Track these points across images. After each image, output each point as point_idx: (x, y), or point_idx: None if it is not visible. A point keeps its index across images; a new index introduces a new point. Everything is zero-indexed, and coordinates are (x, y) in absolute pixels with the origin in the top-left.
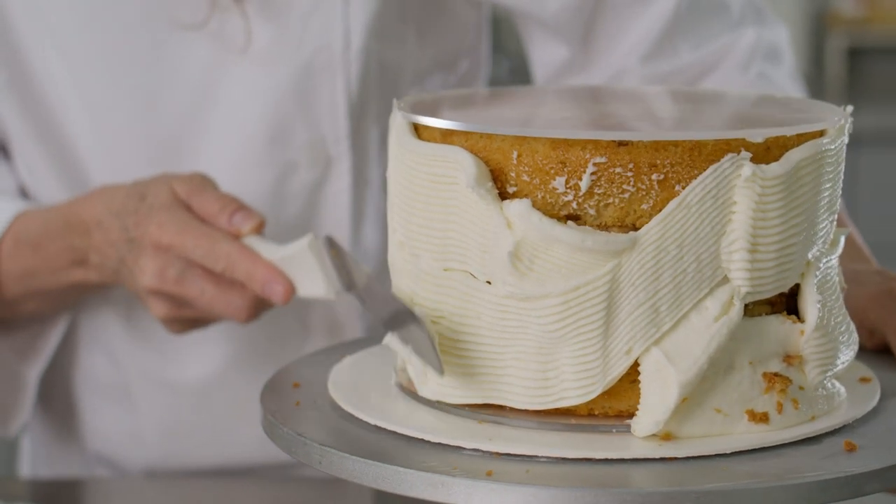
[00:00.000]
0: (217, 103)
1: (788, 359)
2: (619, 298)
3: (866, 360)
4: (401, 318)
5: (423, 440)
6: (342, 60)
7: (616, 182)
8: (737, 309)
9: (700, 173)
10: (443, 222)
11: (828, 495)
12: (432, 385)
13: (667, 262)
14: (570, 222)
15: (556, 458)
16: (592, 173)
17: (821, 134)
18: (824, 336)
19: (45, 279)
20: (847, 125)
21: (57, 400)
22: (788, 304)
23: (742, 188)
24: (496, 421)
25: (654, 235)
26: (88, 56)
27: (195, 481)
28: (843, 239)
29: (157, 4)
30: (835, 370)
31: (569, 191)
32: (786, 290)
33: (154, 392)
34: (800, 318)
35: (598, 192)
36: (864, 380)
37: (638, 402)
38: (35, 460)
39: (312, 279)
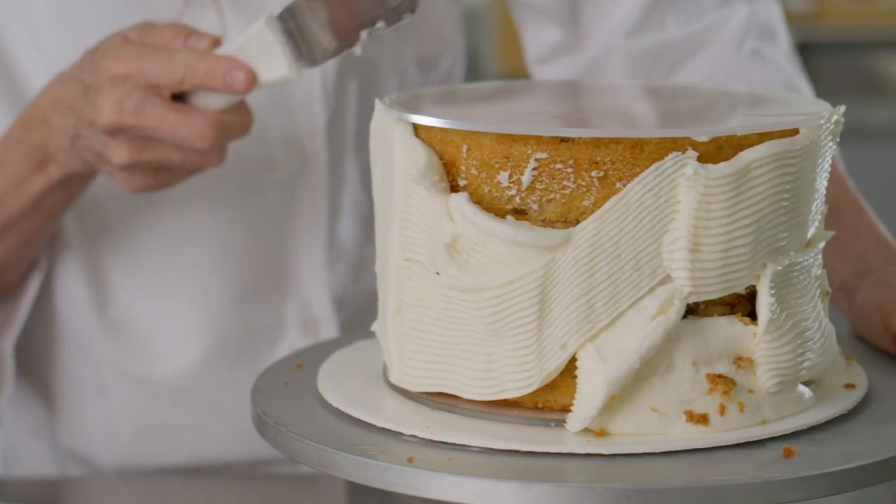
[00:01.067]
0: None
1: (738, 361)
2: (554, 293)
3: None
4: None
5: (371, 424)
6: None
7: (557, 178)
8: (676, 309)
9: (642, 171)
10: (404, 213)
11: (739, 499)
12: (396, 373)
13: (602, 259)
14: (509, 217)
15: (484, 448)
16: (534, 168)
17: (791, 133)
18: (778, 340)
19: (11, 199)
20: (826, 124)
21: (31, 397)
22: (753, 305)
23: (685, 187)
24: (449, 410)
25: (589, 232)
26: (65, 52)
27: (169, 479)
28: (822, 242)
29: (133, 1)
30: (796, 376)
31: (512, 185)
32: (738, 291)
33: (128, 389)
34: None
35: (540, 187)
36: (848, 386)
37: None
38: (7, 459)
39: (273, 61)
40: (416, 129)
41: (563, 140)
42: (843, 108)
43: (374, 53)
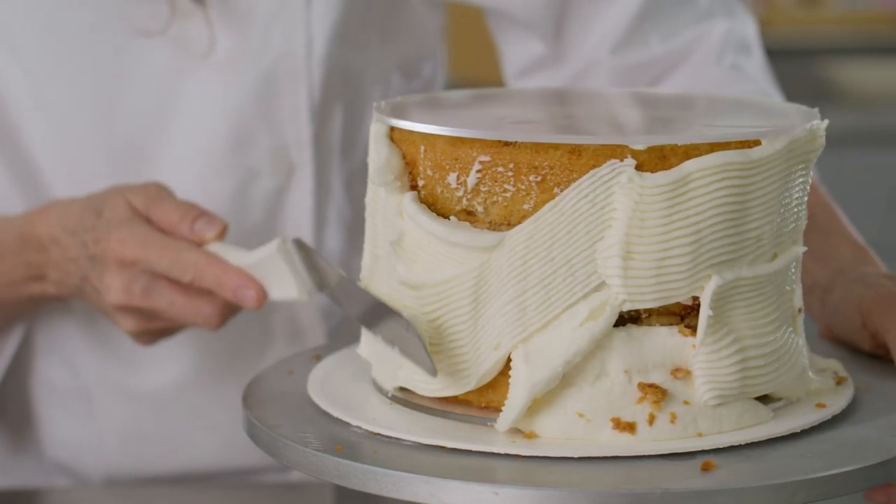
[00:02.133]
0: (178, 110)
1: (676, 372)
2: (488, 294)
3: (860, 367)
4: (380, 314)
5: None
6: (305, 67)
7: (499, 181)
8: (605, 316)
9: (579, 177)
10: (372, 210)
11: None
12: (373, 370)
13: (535, 262)
14: (453, 217)
15: (414, 443)
16: (478, 171)
17: (749, 144)
18: (717, 353)
19: (1, 291)
20: (791, 137)
21: (14, 408)
22: None
23: (620, 195)
24: (408, 404)
25: (523, 236)
26: (46, 63)
27: (154, 489)
28: (789, 254)
29: (116, 11)
30: (741, 391)
31: (460, 186)
32: (683, 301)
33: (114, 400)
34: None
35: (484, 189)
36: (819, 405)
37: None
38: None
39: (283, 282)
40: (392, 131)
41: (507, 144)
42: (824, 123)
43: (358, 63)
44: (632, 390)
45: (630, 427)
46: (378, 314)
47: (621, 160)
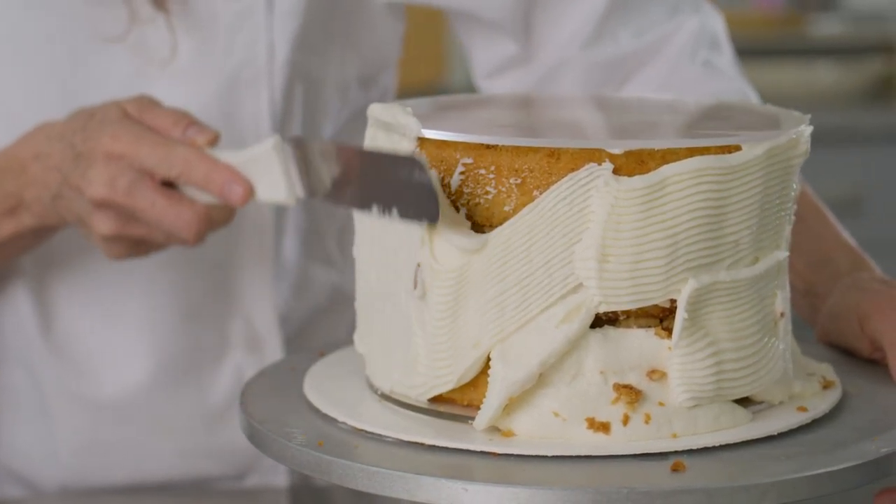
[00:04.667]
0: None
1: (652, 373)
2: (468, 294)
3: (856, 371)
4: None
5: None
6: (266, 73)
7: (481, 183)
8: (581, 317)
9: (558, 180)
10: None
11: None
12: (367, 368)
13: (513, 264)
14: None
15: (396, 440)
16: (461, 173)
17: (729, 149)
18: (692, 355)
19: None
20: (773, 143)
21: None
22: None
23: (597, 198)
24: (397, 402)
25: (503, 237)
26: (7, 68)
27: (110, 498)
28: (770, 259)
29: (77, 16)
30: (716, 393)
31: (444, 188)
32: (660, 304)
33: (72, 409)
34: None
35: (467, 191)
36: (801, 409)
37: None
38: None
39: (273, 182)
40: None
41: (489, 147)
42: (809, 129)
43: (319, 71)
44: (607, 391)
45: (604, 427)
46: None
47: (599, 164)
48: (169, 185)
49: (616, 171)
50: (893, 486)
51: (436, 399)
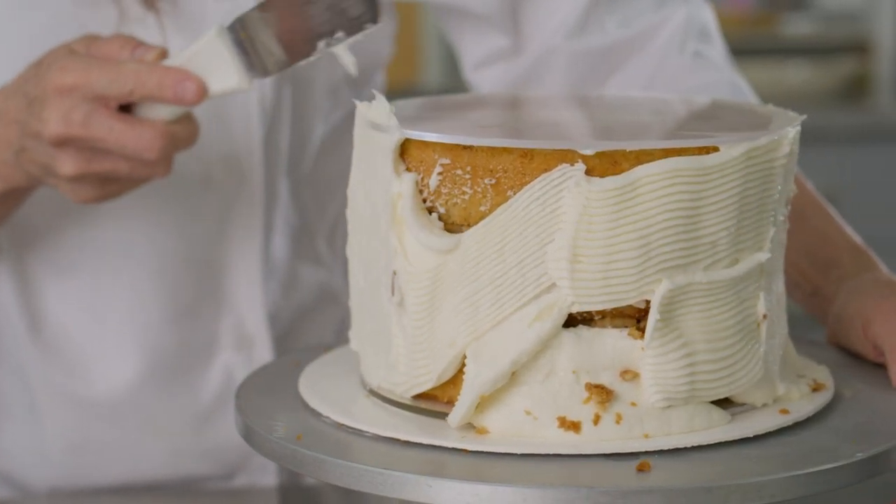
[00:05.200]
0: None
1: (625, 373)
2: (444, 294)
3: (859, 374)
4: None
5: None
6: None
7: (458, 183)
8: (553, 317)
9: (531, 181)
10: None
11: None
12: (361, 364)
13: (487, 263)
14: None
15: (374, 435)
16: (439, 173)
17: (707, 150)
18: (664, 356)
19: None
20: (751, 145)
21: None
22: None
23: (569, 198)
24: (384, 398)
25: (476, 237)
26: (2, 70)
27: (101, 498)
28: (751, 261)
29: (66, 16)
30: (690, 394)
31: (424, 188)
32: (635, 304)
33: (61, 408)
34: None
35: (445, 191)
36: (783, 412)
37: None
38: None
39: (224, 71)
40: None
41: (466, 147)
42: (794, 131)
43: (308, 71)
44: (579, 390)
45: (575, 426)
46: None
47: (572, 165)
48: (125, 110)
49: (590, 172)
50: None
51: (419, 396)
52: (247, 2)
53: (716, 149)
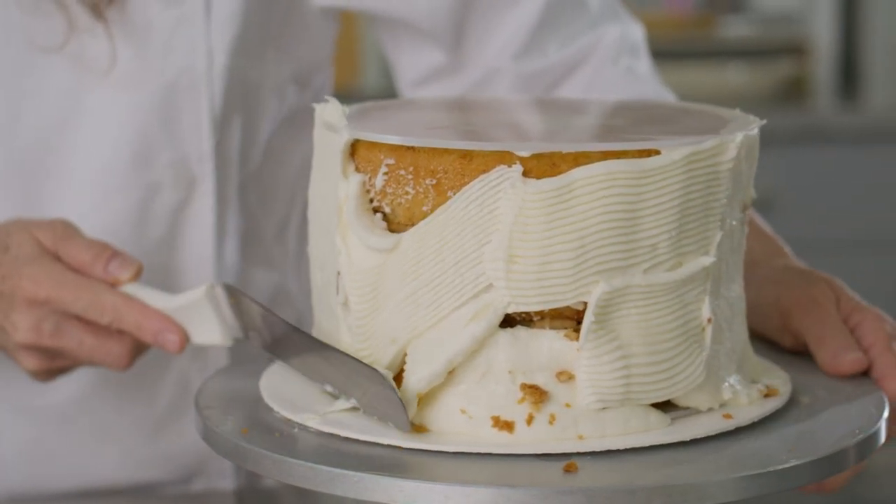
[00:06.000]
0: (79, 126)
1: (560, 375)
2: (386, 292)
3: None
4: (337, 365)
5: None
6: (206, 80)
7: (401, 183)
8: (488, 317)
9: (470, 182)
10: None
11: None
12: None
13: (426, 263)
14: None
15: (317, 430)
16: (384, 173)
17: (649, 153)
18: (599, 358)
19: None
20: (694, 149)
21: None
22: None
23: (505, 200)
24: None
25: (417, 237)
26: None
27: None
28: (695, 264)
29: (14, 26)
30: (625, 397)
31: (371, 188)
32: (573, 306)
33: (16, 417)
34: None
35: (390, 191)
36: (726, 416)
37: None
38: None
39: (207, 326)
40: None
41: (409, 148)
42: (738, 136)
43: (257, 75)
44: (514, 390)
45: (508, 426)
46: (334, 364)
47: (509, 166)
48: None
49: (528, 174)
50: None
51: None
52: (195, 11)
53: (657, 152)
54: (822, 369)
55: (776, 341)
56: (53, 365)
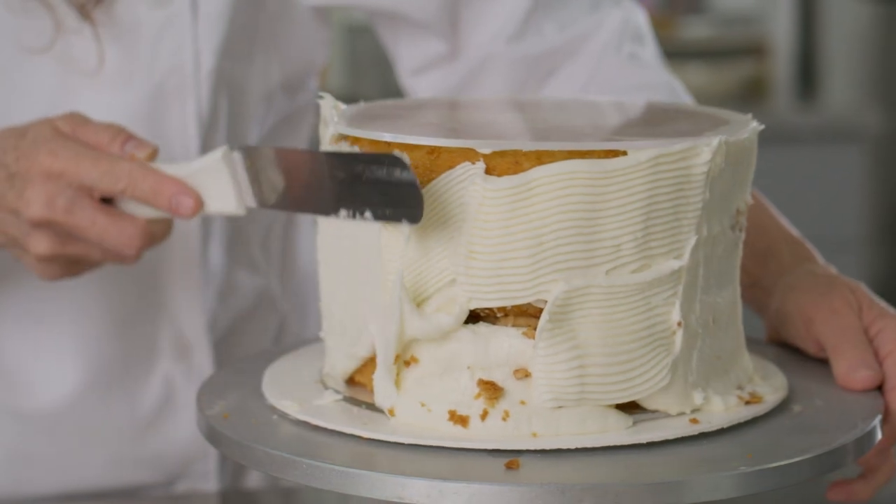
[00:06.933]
0: None
1: (517, 372)
2: (361, 281)
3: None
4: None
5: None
6: (193, 81)
7: None
8: (455, 312)
9: (437, 177)
10: None
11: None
12: None
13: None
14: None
15: (294, 419)
16: None
17: (615, 154)
18: (554, 357)
19: None
20: (660, 151)
21: None
22: None
23: (468, 196)
24: (328, 385)
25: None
26: None
27: None
28: (663, 267)
29: (2, 27)
30: (580, 397)
31: None
32: (529, 302)
33: (1, 420)
34: None
35: None
36: (693, 421)
37: None
38: None
39: (223, 193)
40: None
41: (385, 144)
42: (715, 141)
43: (244, 77)
44: (472, 386)
45: (463, 420)
46: (348, 171)
47: (473, 163)
48: (106, 201)
49: (491, 171)
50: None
51: (352, 382)
52: (182, 12)
53: (623, 153)
54: (836, 382)
55: (801, 349)
56: (64, 251)
